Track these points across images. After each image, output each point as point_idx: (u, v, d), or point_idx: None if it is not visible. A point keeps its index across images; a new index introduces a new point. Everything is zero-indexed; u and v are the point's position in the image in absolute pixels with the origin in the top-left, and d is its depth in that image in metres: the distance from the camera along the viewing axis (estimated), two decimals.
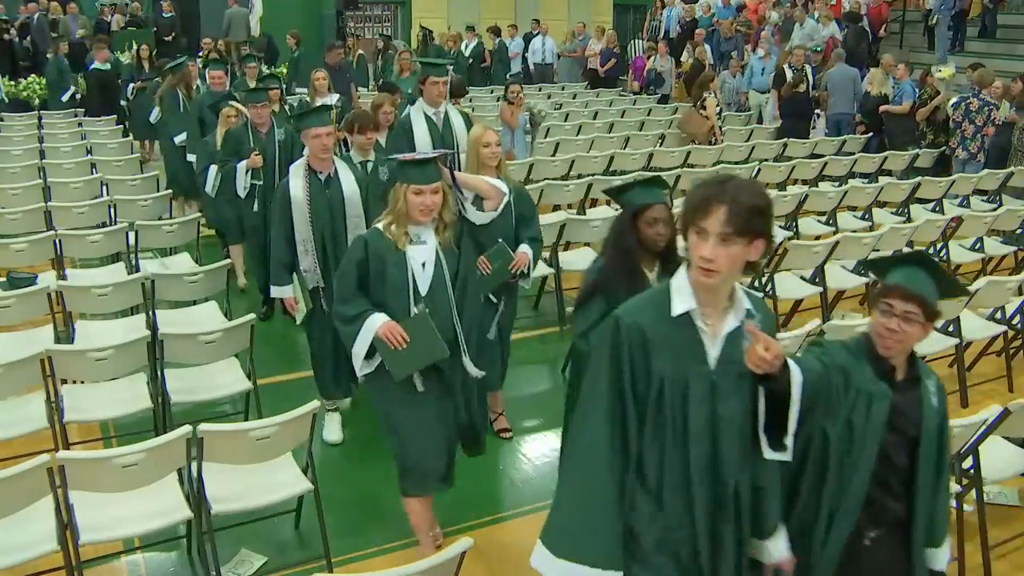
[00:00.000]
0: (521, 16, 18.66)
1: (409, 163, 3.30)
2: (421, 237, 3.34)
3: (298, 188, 4.45)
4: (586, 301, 3.26)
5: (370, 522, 4.05)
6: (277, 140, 6.01)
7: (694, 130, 9.68)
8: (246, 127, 6.09)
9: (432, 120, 5.44)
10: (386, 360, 3.31)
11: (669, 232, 3.18)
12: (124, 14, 15.78)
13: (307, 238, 4.45)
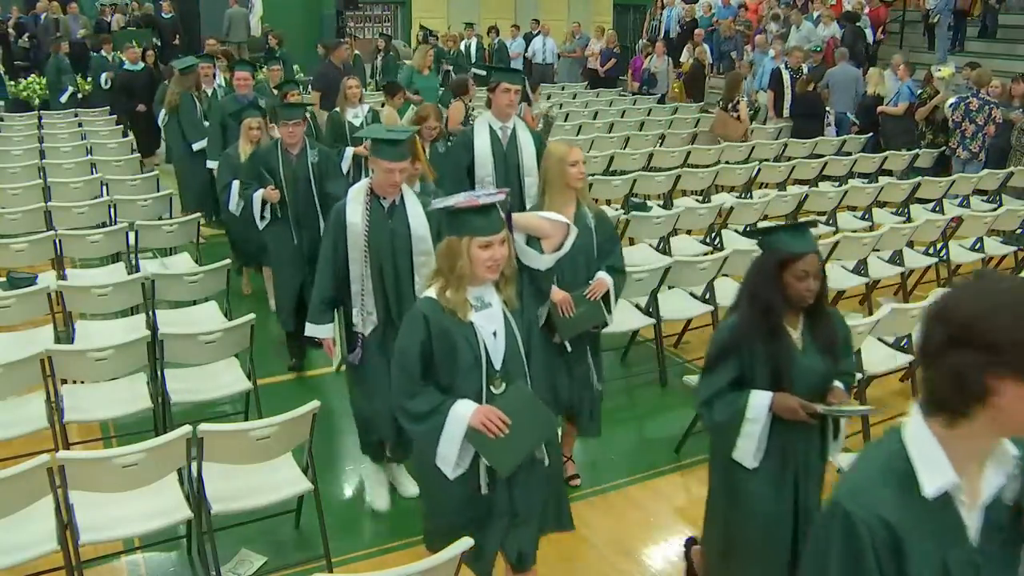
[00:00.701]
0: (521, 16, 18.66)
1: (471, 211, 2.67)
2: (485, 300, 2.75)
3: (356, 214, 3.72)
4: (716, 363, 2.87)
5: (370, 522, 4.06)
6: (310, 163, 5.33)
7: (728, 132, 9.73)
8: (276, 147, 5.36)
9: (497, 135, 4.87)
10: (487, 454, 2.70)
11: (819, 286, 2.77)
12: (124, 14, 15.78)
13: (363, 274, 3.73)
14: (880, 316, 4.59)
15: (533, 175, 4.71)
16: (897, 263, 6.48)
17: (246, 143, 6.09)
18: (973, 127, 8.90)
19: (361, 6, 18.12)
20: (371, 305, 3.74)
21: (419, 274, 3.67)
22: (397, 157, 3.62)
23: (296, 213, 5.30)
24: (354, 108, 7.14)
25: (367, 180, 3.83)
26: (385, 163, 3.62)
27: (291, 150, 5.33)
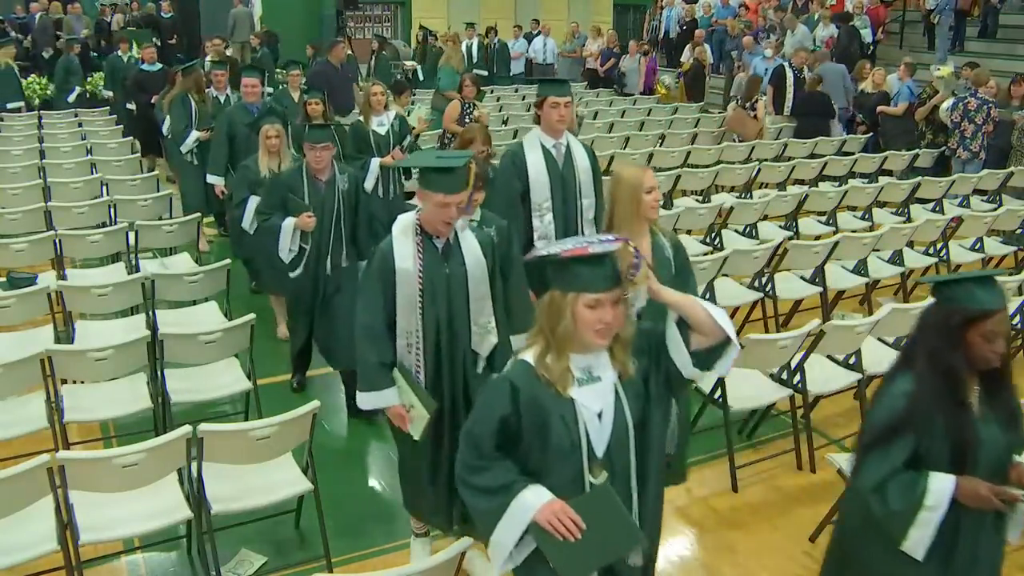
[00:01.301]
0: (521, 16, 18.67)
1: (580, 262, 2.20)
2: (593, 372, 2.28)
3: (407, 258, 3.15)
4: (890, 438, 2.40)
5: (370, 522, 4.05)
6: (339, 191, 4.84)
7: (745, 130, 9.93)
8: (300, 172, 4.87)
9: (551, 154, 4.35)
10: (551, 556, 2.27)
11: (1005, 348, 2.40)
12: (125, 13, 15.78)
13: (414, 327, 3.17)
14: (880, 316, 4.59)
15: (591, 196, 4.36)
16: (897, 263, 6.48)
17: (265, 154, 5.56)
18: (972, 127, 8.91)
19: (361, 6, 18.12)
20: (420, 361, 3.19)
21: (475, 323, 3.22)
22: (453, 188, 3.06)
23: (319, 247, 4.83)
24: (379, 116, 6.66)
25: (413, 215, 3.23)
26: (438, 196, 3.06)
27: (319, 176, 4.83)
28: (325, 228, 4.82)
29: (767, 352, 4.26)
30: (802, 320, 4.84)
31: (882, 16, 13.80)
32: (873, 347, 4.83)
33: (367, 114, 6.66)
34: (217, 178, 6.73)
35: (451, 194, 3.06)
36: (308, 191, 4.81)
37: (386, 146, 6.65)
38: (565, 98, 4.29)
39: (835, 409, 4.97)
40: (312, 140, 4.76)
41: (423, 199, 3.14)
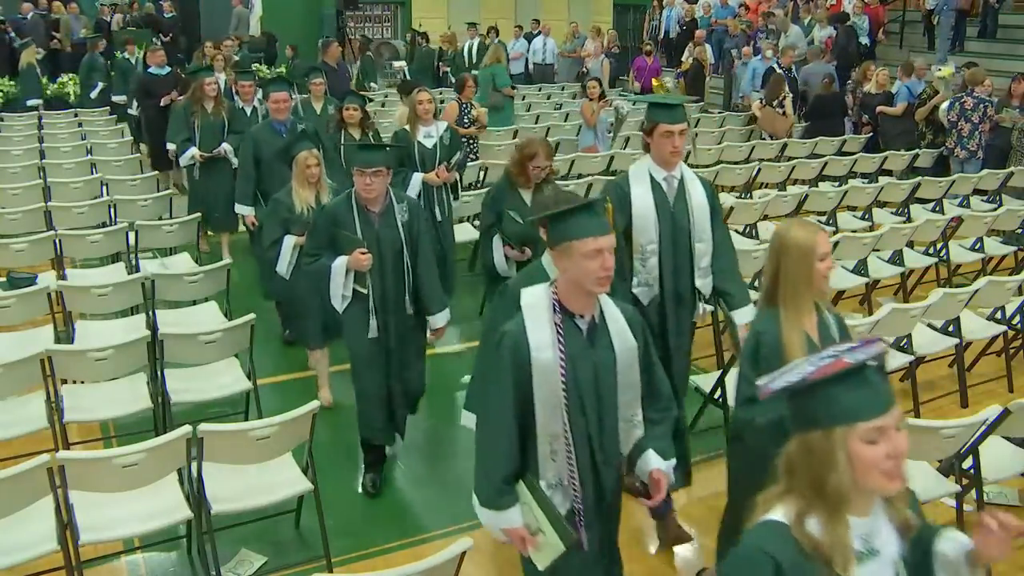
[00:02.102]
0: (521, 16, 18.66)
1: (841, 381, 1.66)
2: (871, 539, 1.72)
3: (546, 347, 2.44)
4: None
5: (370, 522, 4.05)
6: (400, 223, 4.02)
7: (775, 128, 10.15)
8: (349, 202, 4.00)
9: (661, 188, 3.63)
10: None
11: None
12: (124, 14, 15.78)
13: (561, 430, 2.48)
14: (880, 316, 4.59)
15: (707, 239, 3.69)
16: (897, 263, 6.48)
17: (302, 185, 4.80)
18: (969, 126, 8.91)
19: (361, 6, 18.11)
20: (565, 471, 2.52)
21: (622, 418, 2.59)
22: (601, 229, 2.38)
23: (382, 292, 4.02)
24: (427, 127, 5.98)
25: (545, 288, 2.51)
26: (585, 243, 2.34)
27: (371, 207, 3.98)
28: (387, 270, 4.01)
29: None
30: None
31: (881, 16, 13.80)
32: None
33: (413, 124, 5.99)
34: (247, 208, 5.98)
35: (601, 235, 2.36)
36: (360, 224, 3.97)
37: (432, 161, 5.93)
38: (680, 125, 3.56)
39: None
40: (362, 164, 3.87)
41: (562, 257, 2.41)
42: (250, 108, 7.53)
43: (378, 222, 4.00)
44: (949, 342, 5.16)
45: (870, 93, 10.57)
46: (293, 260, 4.67)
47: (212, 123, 7.15)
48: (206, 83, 7.16)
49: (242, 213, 6.06)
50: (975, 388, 5.36)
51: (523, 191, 4.63)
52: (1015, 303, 5.47)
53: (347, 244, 3.96)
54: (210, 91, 7.15)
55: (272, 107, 6.10)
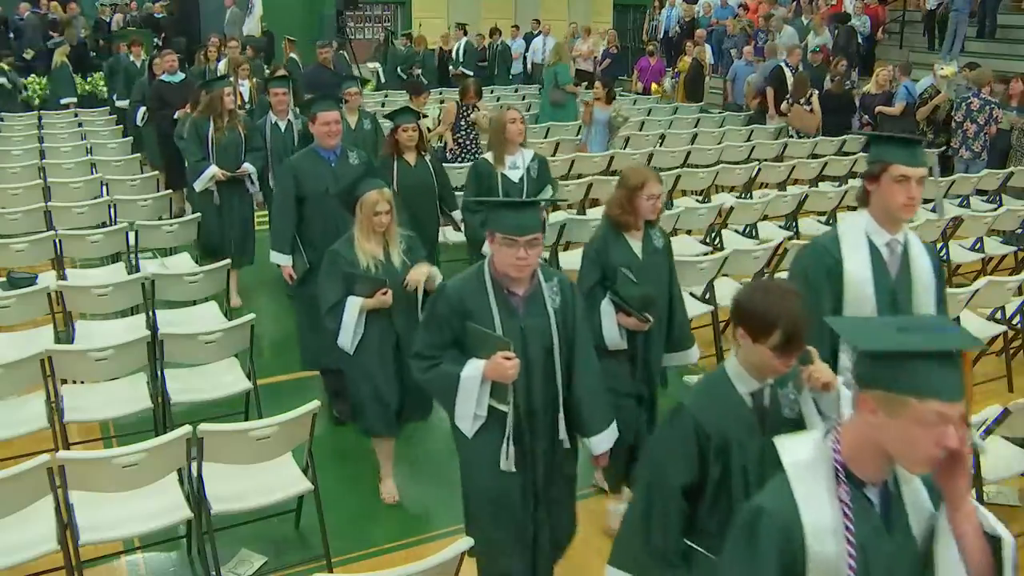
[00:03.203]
0: (521, 16, 18.66)
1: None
2: None
3: (825, 527, 1.72)
4: None
5: (370, 522, 4.05)
6: (551, 308, 2.92)
7: (804, 125, 10.31)
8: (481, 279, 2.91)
9: (880, 256, 2.84)
10: None
11: None
12: (124, 14, 15.79)
13: None
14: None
15: None
16: None
17: (368, 237, 3.81)
18: (975, 127, 8.91)
19: (361, 6, 18.12)
20: None
21: None
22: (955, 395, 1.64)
23: (528, 408, 2.93)
24: (512, 156, 4.93)
25: (818, 438, 1.82)
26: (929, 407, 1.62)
27: (514, 289, 2.88)
28: (534, 378, 2.90)
29: None
30: None
31: (881, 16, 13.80)
32: None
33: (499, 152, 4.93)
34: (283, 257, 4.76)
35: (951, 401, 1.63)
36: (499, 316, 2.86)
37: (518, 196, 4.86)
38: (920, 170, 2.70)
39: None
40: (515, 231, 2.76)
41: (887, 410, 1.66)
42: (284, 123, 6.64)
43: (523, 309, 2.87)
44: None
45: (870, 93, 10.58)
46: (360, 330, 3.73)
47: (230, 139, 6.30)
48: (225, 94, 6.37)
49: (279, 264, 4.80)
50: (975, 388, 5.35)
51: (632, 238, 3.66)
52: (1015, 303, 5.47)
53: (481, 343, 2.82)
54: (228, 103, 6.39)
55: (320, 130, 4.77)
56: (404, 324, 3.81)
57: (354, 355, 3.81)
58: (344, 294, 3.76)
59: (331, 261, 3.83)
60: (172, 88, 8.42)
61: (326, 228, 4.63)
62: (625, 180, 3.66)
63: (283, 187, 4.83)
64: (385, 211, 3.78)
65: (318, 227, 4.71)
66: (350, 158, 4.86)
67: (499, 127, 4.94)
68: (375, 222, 3.77)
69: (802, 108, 10.32)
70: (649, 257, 3.66)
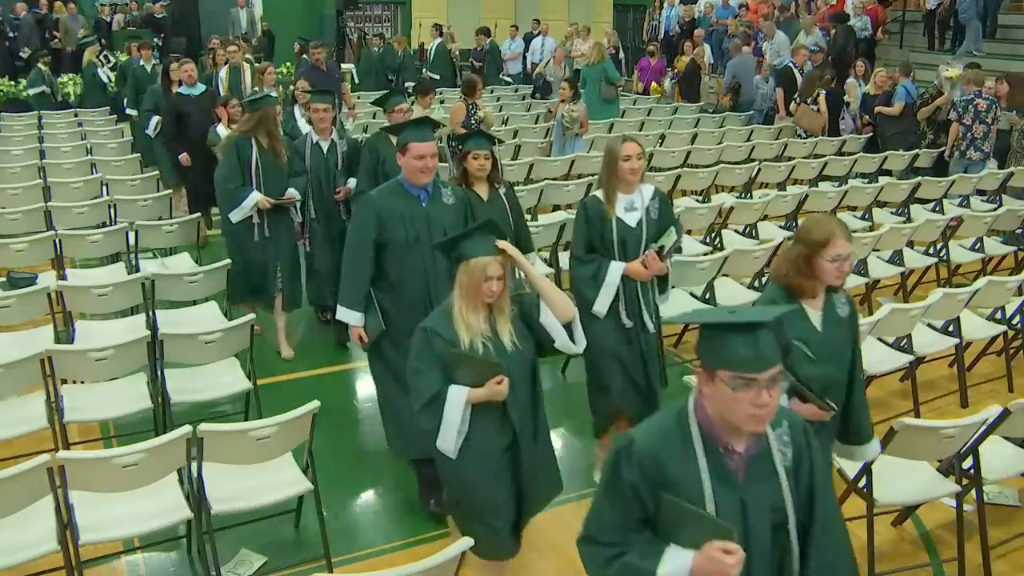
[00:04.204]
0: (521, 16, 18.67)
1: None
2: None
3: None
4: None
5: (370, 522, 4.06)
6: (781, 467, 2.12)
7: (810, 125, 10.40)
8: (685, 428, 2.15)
9: None
10: None
11: None
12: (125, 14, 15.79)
13: None
14: (880, 316, 4.60)
15: None
16: (897, 263, 6.48)
17: (474, 308, 3.00)
18: (983, 127, 8.89)
19: (361, 6, 18.13)
20: None
21: None
22: None
23: None
24: (629, 194, 3.96)
25: None
26: None
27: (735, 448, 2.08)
28: (755, 541, 2.20)
29: None
30: None
31: (881, 16, 13.80)
32: (873, 347, 4.83)
33: (612, 191, 3.95)
34: (353, 315, 3.89)
35: None
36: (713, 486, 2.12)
37: (636, 245, 3.96)
38: None
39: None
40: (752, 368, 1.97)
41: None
42: (327, 143, 5.79)
43: (743, 473, 2.06)
44: (949, 342, 5.16)
45: (869, 94, 10.58)
46: (464, 428, 2.98)
47: (275, 162, 5.49)
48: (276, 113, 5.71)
49: (349, 323, 3.93)
50: (975, 388, 5.36)
51: (812, 308, 2.99)
52: (1015, 303, 5.47)
53: (700, 528, 2.01)
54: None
55: (412, 164, 3.80)
56: (522, 419, 3.05)
57: (457, 459, 3.01)
58: (444, 383, 2.97)
59: (425, 341, 3.02)
60: (190, 102, 7.67)
61: (411, 283, 3.86)
62: (806, 234, 2.95)
63: (361, 229, 3.90)
64: (498, 276, 2.99)
65: (401, 282, 3.87)
66: (443, 196, 3.91)
67: (611, 160, 3.95)
68: (484, 291, 2.98)
69: (809, 108, 10.38)
70: (831, 330, 3.00)
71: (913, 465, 3.64)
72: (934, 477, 3.67)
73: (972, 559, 3.62)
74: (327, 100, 5.85)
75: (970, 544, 3.64)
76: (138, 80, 9.81)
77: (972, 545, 3.64)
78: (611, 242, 3.94)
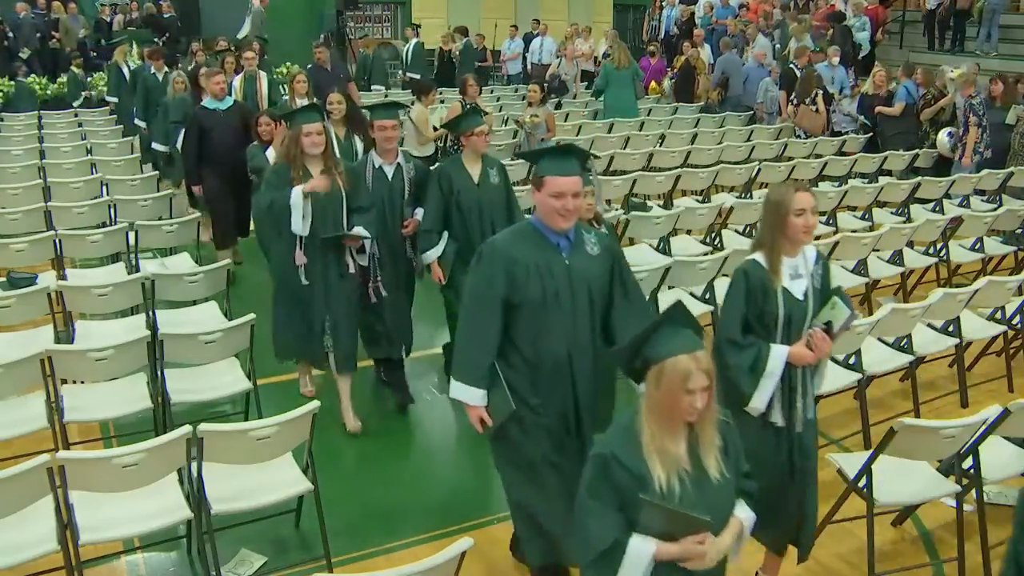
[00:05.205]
0: (521, 16, 18.65)
1: None
2: None
3: None
4: None
5: (370, 522, 4.05)
6: None
7: (810, 125, 10.42)
8: None
9: None
10: None
11: None
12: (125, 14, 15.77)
13: None
14: (880, 316, 4.60)
15: None
16: (897, 263, 6.48)
17: (670, 432, 2.30)
18: (979, 129, 8.87)
19: (361, 6, 18.12)
20: None
21: None
22: None
23: None
24: (793, 257, 3.18)
25: None
26: None
27: None
28: None
29: None
30: None
31: (882, 16, 13.80)
32: (873, 347, 4.83)
33: (776, 254, 3.15)
34: (474, 393, 3.15)
35: None
36: None
37: (800, 323, 3.19)
38: None
39: (835, 409, 4.97)
40: None
41: None
42: (392, 167, 4.84)
43: None
44: (949, 342, 5.16)
45: (868, 94, 10.59)
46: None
47: (329, 195, 4.47)
48: (304, 134, 4.42)
49: (467, 403, 3.19)
50: (975, 388, 5.36)
51: None
52: (1015, 303, 5.46)
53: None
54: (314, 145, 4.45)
55: (550, 204, 3.02)
56: None
57: None
58: (622, 529, 2.29)
59: (601, 471, 2.32)
60: (216, 117, 6.68)
61: (547, 354, 3.11)
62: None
63: (485, 286, 3.11)
64: (703, 387, 2.25)
65: (536, 352, 3.13)
66: (587, 244, 3.15)
67: (779, 215, 3.13)
68: (685, 406, 2.25)
69: (808, 108, 10.39)
70: None
71: (913, 465, 3.64)
72: (934, 477, 3.67)
73: (972, 559, 3.62)
74: (393, 115, 4.85)
75: (970, 544, 3.64)
76: (148, 89, 9.27)
77: (972, 545, 3.64)
78: (774, 319, 3.17)
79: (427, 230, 4.83)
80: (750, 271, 3.19)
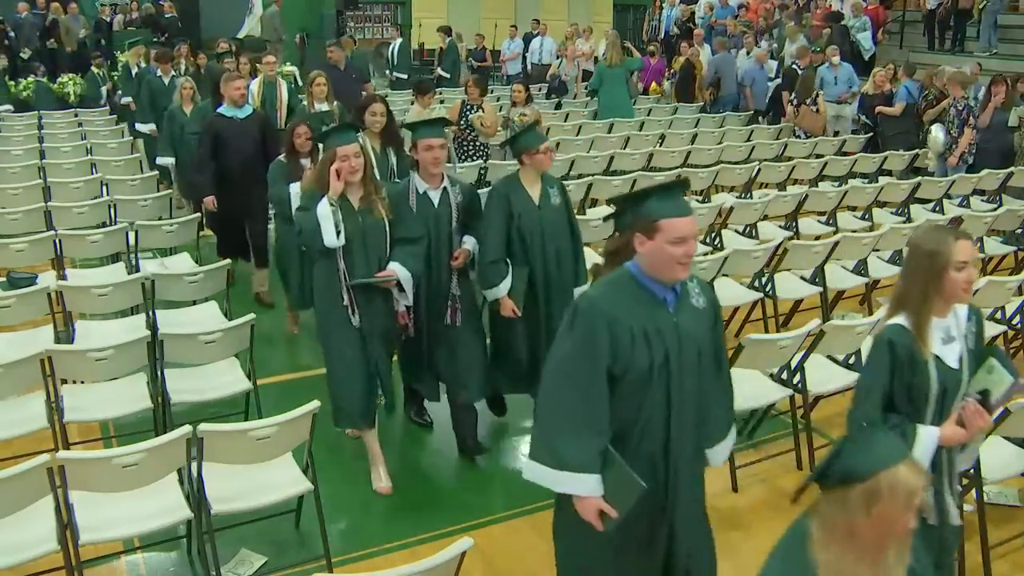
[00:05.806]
0: (521, 16, 18.67)
1: None
2: None
3: None
4: None
5: (370, 522, 4.05)
6: None
7: (810, 125, 10.47)
8: None
9: None
10: None
11: None
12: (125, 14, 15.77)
13: None
14: (880, 316, 4.59)
15: None
16: (897, 263, 6.47)
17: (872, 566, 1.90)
18: (971, 130, 8.88)
19: (361, 6, 18.13)
20: None
21: None
22: None
23: None
24: (944, 318, 2.75)
25: None
26: None
27: None
28: None
29: (767, 352, 4.26)
30: (802, 320, 4.84)
31: (882, 16, 13.81)
32: None
33: (924, 318, 2.70)
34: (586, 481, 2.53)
35: None
36: None
37: (954, 394, 2.72)
38: None
39: (835, 409, 4.96)
40: None
41: None
42: (438, 192, 4.24)
43: None
44: None
45: (868, 94, 10.60)
46: None
47: (369, 226, 4.00)
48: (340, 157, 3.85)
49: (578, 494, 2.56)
50: None
51: None
52: (1015, 303, 5.46)
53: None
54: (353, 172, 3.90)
55: (670, 253, 2.49)
56: None
57: None
58: None
59: None
60: (234, 126, 6.03)
61: (649, 432, 2.59)
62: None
63: (589, 350, 2.52)
64: (917, 492, 1.87)
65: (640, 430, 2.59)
66: (692, 297, 2.64)
67: (934, 269, 2.69)
68: (901, 527, 1.86)
69: (809, 109, 10.40)
70: None
71: None
72: None
73: (972, 559, 3.62)
74: (440, 133, 4.20)
75: (970, 544, 3.63)
76: (153, 93, 8.95)
77: (972, 545, 3.64)
78: (925, 395, 2.64)
79: (493, 261, 4.22)
80: (895, 340, 2.65)
